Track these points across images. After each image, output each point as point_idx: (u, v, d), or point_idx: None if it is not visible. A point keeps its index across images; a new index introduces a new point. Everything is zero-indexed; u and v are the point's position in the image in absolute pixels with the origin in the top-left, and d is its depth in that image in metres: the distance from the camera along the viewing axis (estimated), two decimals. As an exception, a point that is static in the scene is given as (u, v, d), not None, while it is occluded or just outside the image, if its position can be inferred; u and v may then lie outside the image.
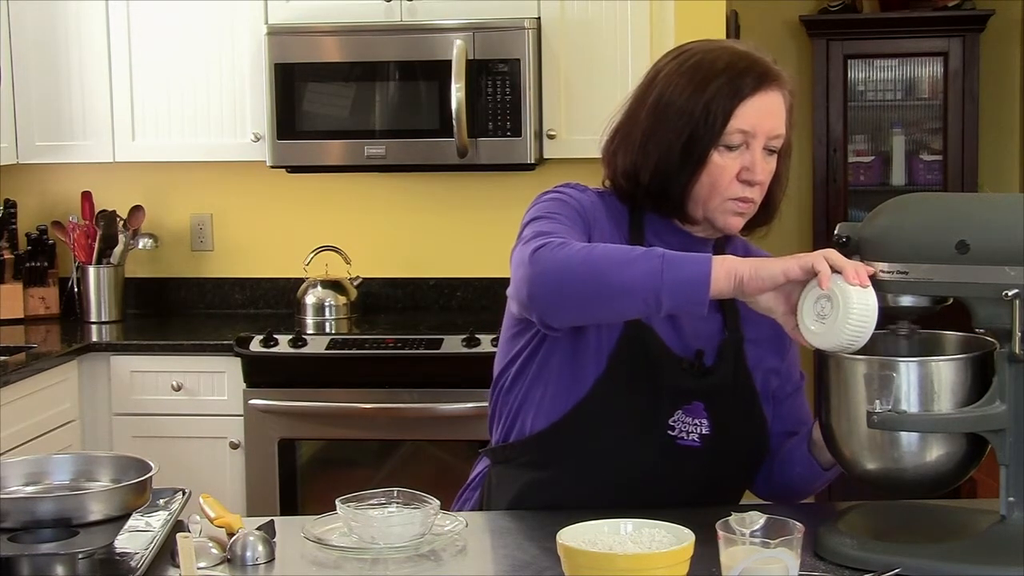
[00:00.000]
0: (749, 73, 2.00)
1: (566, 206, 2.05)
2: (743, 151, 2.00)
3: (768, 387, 2.14)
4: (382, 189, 4.54)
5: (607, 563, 1.65)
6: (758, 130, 2.00)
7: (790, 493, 2.17)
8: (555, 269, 1.86)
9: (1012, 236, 1.77)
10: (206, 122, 4.29)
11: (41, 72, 4.33)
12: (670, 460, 2.04)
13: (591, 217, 2.05)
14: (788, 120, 2.04)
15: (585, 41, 4.11)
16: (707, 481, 2.08)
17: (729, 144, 2.00)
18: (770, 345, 2.13)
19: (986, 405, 1.80)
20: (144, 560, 1.84)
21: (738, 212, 2.03)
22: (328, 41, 4.16)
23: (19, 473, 1.99)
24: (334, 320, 4.35)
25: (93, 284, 4.45)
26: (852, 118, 5.56)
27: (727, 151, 2.00)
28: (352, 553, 1.91)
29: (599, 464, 2.05)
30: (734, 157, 2.00)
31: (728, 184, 2.01)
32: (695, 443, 2.05)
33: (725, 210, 2.03)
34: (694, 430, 2.05)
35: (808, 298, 1.82)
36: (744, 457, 2.12)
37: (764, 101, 2.00)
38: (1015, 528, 1.80)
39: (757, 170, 2.00)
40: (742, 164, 2.00)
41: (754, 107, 1.99)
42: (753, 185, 2.01)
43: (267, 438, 3.99)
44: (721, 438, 2.05)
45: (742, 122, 1.99)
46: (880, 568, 1.78)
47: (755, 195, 2.03)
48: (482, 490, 2.19)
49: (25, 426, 3.74)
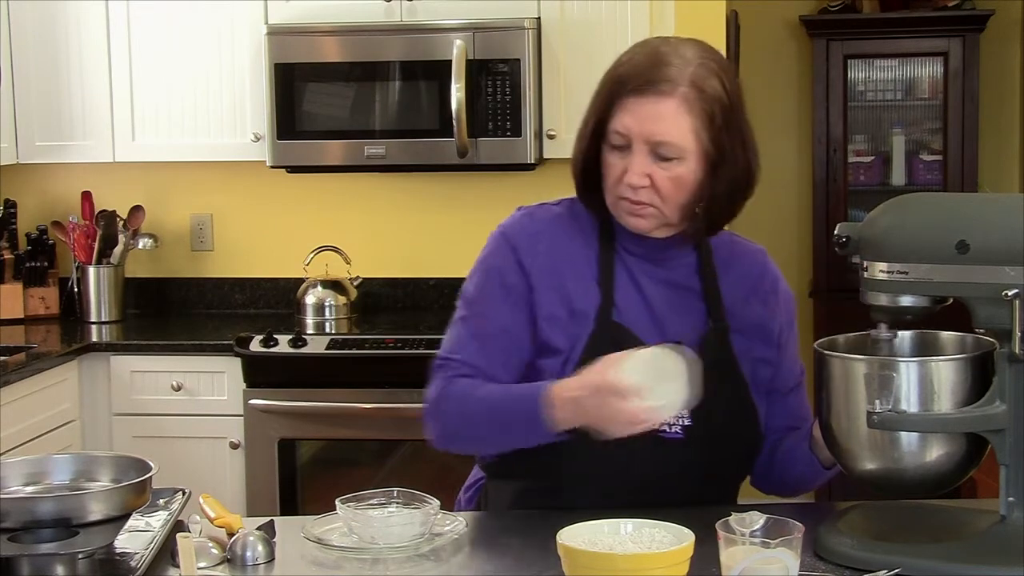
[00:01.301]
0: (636, 77, 2.01)
1: (491, 285, 2.13)
2: (628, 153, 2.02)
3: (758, 376, 2.14)
4: (382, 189, 4.54)
5: (607, 563, 1.66)
6: (633, 133, 2.01)
7: (790, 489, 2.18)
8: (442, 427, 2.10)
9: (1012, 236, 1.77)
10: (206, 122, 4.29)
11: (41, 72, 4.33)
12: (656, 453, 2.05)
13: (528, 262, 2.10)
14: (694, 127, 2.00)
15: (585, 41, 4.11)
16: (698, 472, 2.08)
17: (614, 143, 2.03)
18: (757, 334, 2.14)
19: (986, 405, 1.80)
20: (144, 560, 1.84)
21: (631, 212, 2.05)
22: (328, 41, 4.16)
23: (19, 473, 1.99)
24: (334, 320, 4.35)
25: (93, 284, 4.45)
26: (852, 118, 5.55)
27: (615, 151, 2.03)
28: (352, 553, 1.92)
29: (590, 467, 2.06)
30: (620, 158, 2.03)
31: (615, 184, 2.04)
32: (678, 435, 2.06)
33: (620, 209, 2.06)
34: (676, 422, 2.06)
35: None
36: (734, 446, 2.12)
37: (644, 106, 2.00)
38: (1015, 528, 1.80)
39: (632, 172, 2.01)
40: (624, 165, 2.02)
41: (631, 110, 2.01)
42: (635, 188, 2.01)
43: (267, 438, 3.99)
44: (705, 428, 2.06)
45: (618, 123, 2.02)
46: (880, 568, 1.78)
47: (640, 197, 2.02)
48: (478, 502, 2.21)
49: (25, 426, 3.74)
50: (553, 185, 4.22)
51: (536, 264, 2.10)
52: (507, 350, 2.09)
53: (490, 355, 2.09)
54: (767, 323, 2.15)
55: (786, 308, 2.20)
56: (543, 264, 2.10)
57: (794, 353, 2.21)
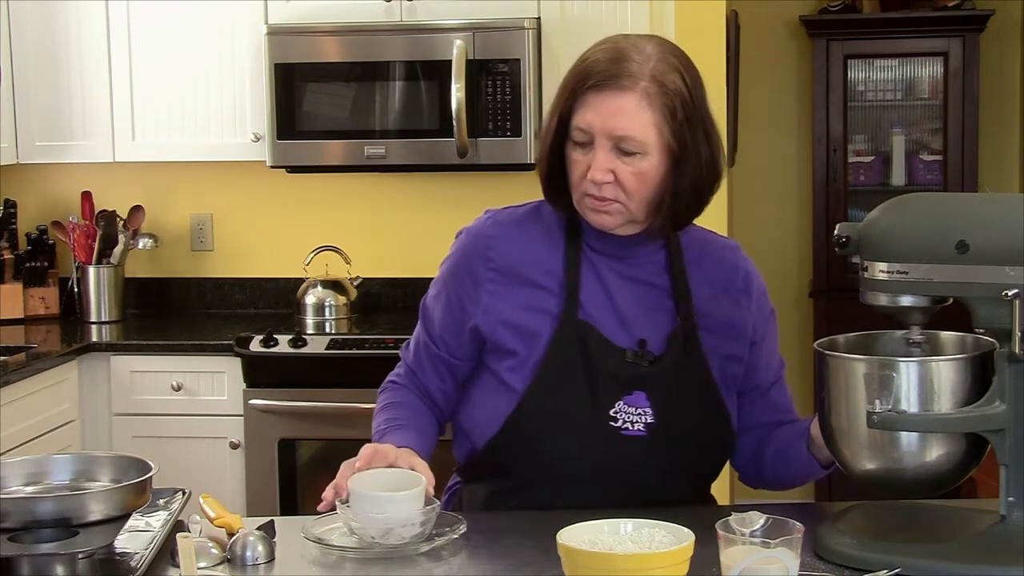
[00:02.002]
0: (596, 73, 2.02)
1: (441, 290, 2.22)
2: (591, 150, 2.02)
3: (727, 374, 2.13)
4: (382, 189, 4.54)
5: (607, 563, 1.66)
6: (596, 128, 2.01)
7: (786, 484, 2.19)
8: None
9: (1012, 236, 1.77)
10: (206, 122, 4.29)
11: (41, 72, 4.33)
12: (618, 451, 2.06)
13: (484, 265, 2.13)
14: (655, 121, 2.00)
15: (585, 41, 4.02)
16: (661, 469, 2.08)
17: (576, 140, 2.03)
18: (727, 332, 2.13)
19: (986, 405, 1.80)
20: (144, 560, 1.84)
21: (595, 209, 2.04)
22: (328, 41, 4.16)
23: (19, 473, 1.99)
24: (334, 320, 4.35)
25: (93, 284, 4.45)
26: (852, 118, 5.55)
27: (578, 148, 2.04)
28: (352, 553, 1.92)
29: (550, 464, 2.07)
30: (584, 154, 2.03)
31: (579, 181, 2.04)
32: (640, 432, 2.06)
33: (585, 207, 2.06)
34: (639, 419, 2.06)
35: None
36: (700, 444, 2.11)
37: (605, 101, 2.00)
38: (1015, 528, 1.80)
39: (595, 168, 2.01)
40: (588, 162, 2.02)
41: (593, 106, 2.01)
42: (599, 184, 2.01)
43: (267, 438, 3.99)
44: (669, 426, 2.06)
45: (580, 119, 2.02)
46: (880, 568, 1.78)
47: (605, 194, 2.02)
48: (453, 506, 2.22)
49: (25, 426, 3.74)
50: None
51: (494, 267, 2.12)
52: (437, 357, 2.22)
53: (422, 362, 2.25)
54: (738, 321, 2.14)
55: (760, 304, 2.17)
56: (502, 266, 2.11)
57: (772, 348, 2.20)
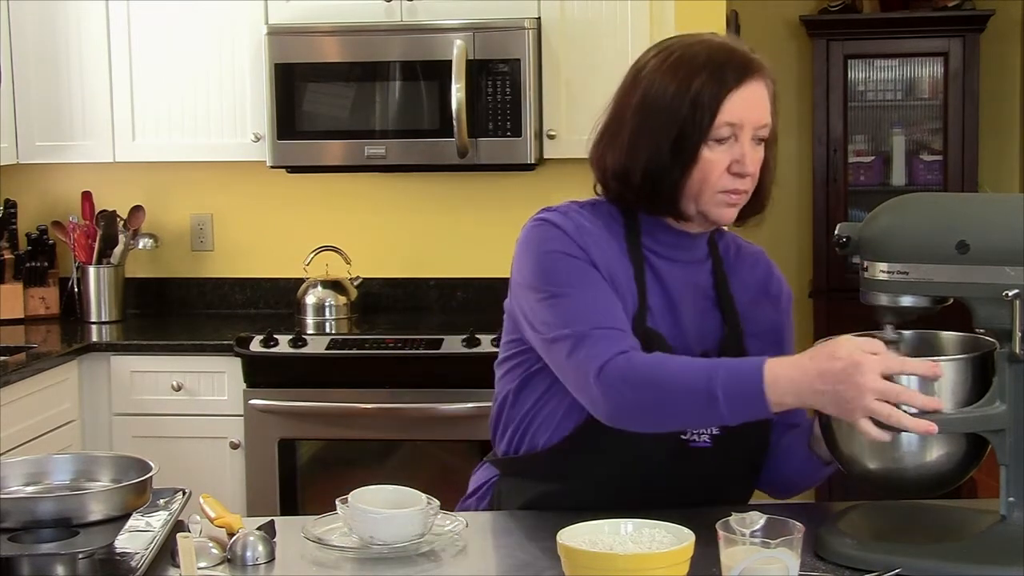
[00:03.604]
0: (730, 65, 2.00)
1: (571, 262, 2.00)
2: (732, 144, 2.00)
3: None
4: (382, 189, 4.54)
5: (607, 563, 1.66)
6: (745, 122, 2.00)
7: (789, 486, 2.18)
8: (627, 402, 1.91)
9: (1012, 236, 1.77)
10: (206, 122, 4.29)
11: (41, 72, 4.33)
12: (681, 462, 2.04)
13: (589, 250, 2.02)
14: (773, 108, 2.04)
15: (585, 41, 4.11)
16: (717, 480, 2.08)
17: (718, 138, 2.00)
18: (770, 337, 2.13)
19: (986, 405, 1.80)
20: (144, 560, 1.84)
21: (730, 204, 2.04)
22: (328, 41, 4.16)
23: (19, 473, 1.99)
24: (334, 320, 4.35)
25: (93, 284, 4.45)
26: (852, 118, 5.56)
27: (717, 145, 2.00)
28: (352, 553, 1.91)
29: (612, 473, 2.05)
30: (723, 150, 2.00)
31: (719, 178, 2.01)
32: (706, 444, 2.05)
33: (718, 203, 2.03)
34: (705, 431, 2.05)
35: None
36: (752, 454, 2.12)
37: (748, 92, 2.00)
38: (1015, 528, 1.80)
39: (747, 162, 2.00)
40: (732, 157, 2.00)
41: (739, 99, 1.99)
42: (744, 177, 2.01)
43: (267, 438, 3.99)
44: (731, 436, 2.04)
45: (729, 115, 1.99)
46: (880, 568, 1.78)
47: (746, 186, 2.03)
48: (491, 500, 2.18)
49: (25, 426, 3.74)
50: (553, 185, 4.25)
51: (592, 255, 2.03)
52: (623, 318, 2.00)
53: (624, 322, 1.98)
54: (777, 327, 2.14)
55: (789, 310, 2.20)
56: (597, 257, 2.03)
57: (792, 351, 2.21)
